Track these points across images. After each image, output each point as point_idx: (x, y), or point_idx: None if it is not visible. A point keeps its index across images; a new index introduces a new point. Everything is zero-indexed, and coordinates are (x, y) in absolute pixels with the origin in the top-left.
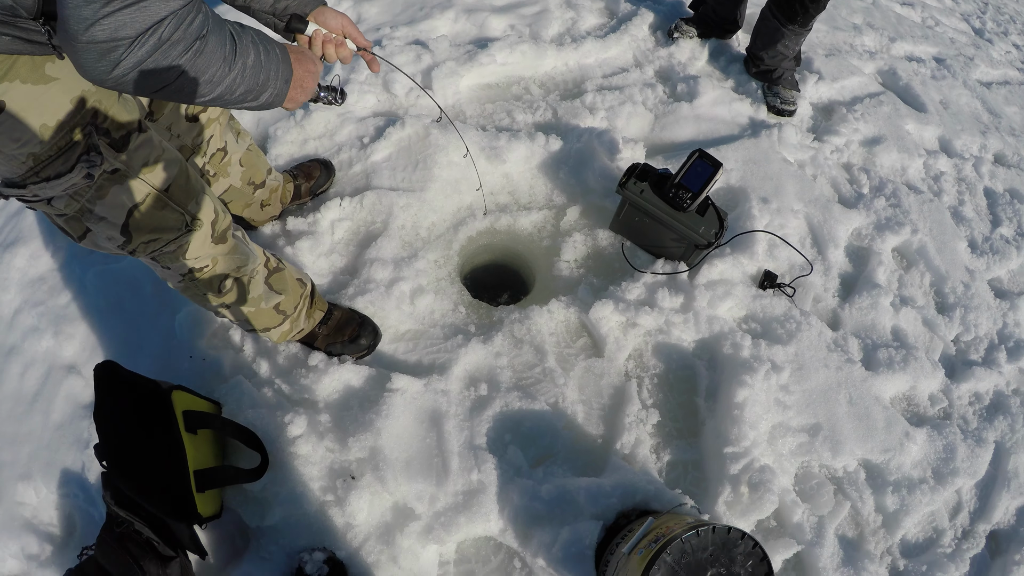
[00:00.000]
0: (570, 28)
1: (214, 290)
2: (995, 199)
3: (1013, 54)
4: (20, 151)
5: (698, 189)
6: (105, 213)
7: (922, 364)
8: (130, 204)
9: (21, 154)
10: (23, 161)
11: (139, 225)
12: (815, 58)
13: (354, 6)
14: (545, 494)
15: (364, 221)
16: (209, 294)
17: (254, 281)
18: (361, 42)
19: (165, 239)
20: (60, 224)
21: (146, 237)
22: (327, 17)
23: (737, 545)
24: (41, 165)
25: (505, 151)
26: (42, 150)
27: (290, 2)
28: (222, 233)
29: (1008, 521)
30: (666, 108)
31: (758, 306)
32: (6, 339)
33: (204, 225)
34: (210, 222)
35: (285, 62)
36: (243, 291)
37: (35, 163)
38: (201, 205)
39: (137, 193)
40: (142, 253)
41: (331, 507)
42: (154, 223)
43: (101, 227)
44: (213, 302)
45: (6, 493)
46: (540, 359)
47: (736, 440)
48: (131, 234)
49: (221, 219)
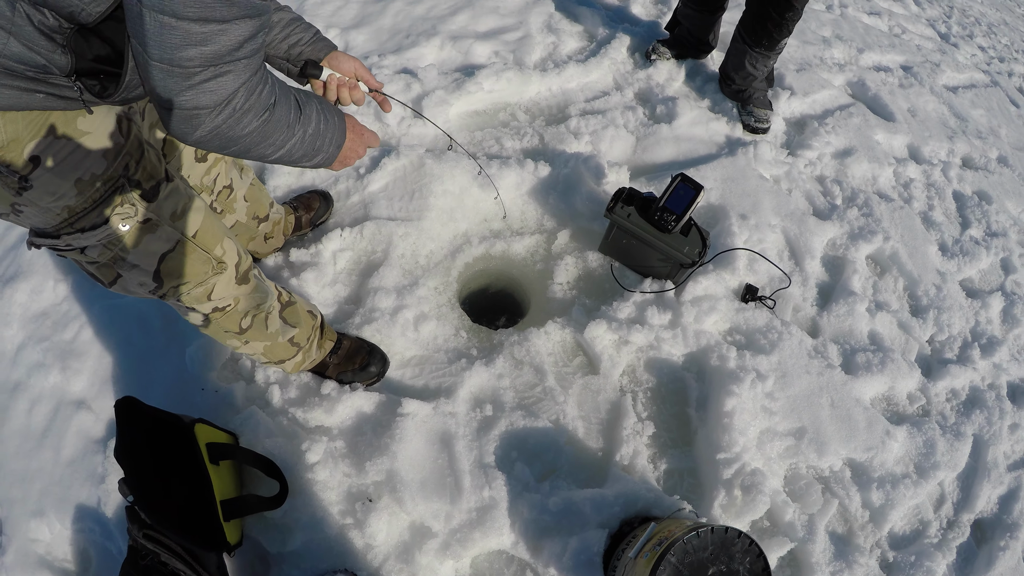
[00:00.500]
0: (552, 53)
1: (235, 328)
2: (964, 202)
3: (978, 56)
4: (56, 204)
5: (681, 211)
6: (138, 260)
7: (899, 365)
8: (161, 251)
9: (57, 207)
10: (58, 213)
11: (170, 271)
12: (786, 74)
13: (341, 35)
14: (552, 507)
15: (365, 251)
16: (231, 332)
17: (271, 316)
18: (373, 84)
19: (194, 282)
20: (91, 271)
21: (176, 281)
22: (340, 61)
23: (735, 544)
24: (76, 217)
25: (497, 179)
26: (77, 203)
27: (304, 48)
28: (244, 273)
29: (991, 509)
30: (647, 130)
31: (741, 319)
32: (10, 375)
33: (229, 267)
34: (234, 264)
35: (341, 131)
36: (262, 327)
37: (70, 215)
38: (226, 249)
39: (168, 240)
40: (171, 297)
41: (351, 529)
42: (184, 268)
43: (134, 274)
44: (234, 340)
45: (19, 530)
46: (540, 379)
47: (727, 447)
48: (163, 279)
49: (243, 260)
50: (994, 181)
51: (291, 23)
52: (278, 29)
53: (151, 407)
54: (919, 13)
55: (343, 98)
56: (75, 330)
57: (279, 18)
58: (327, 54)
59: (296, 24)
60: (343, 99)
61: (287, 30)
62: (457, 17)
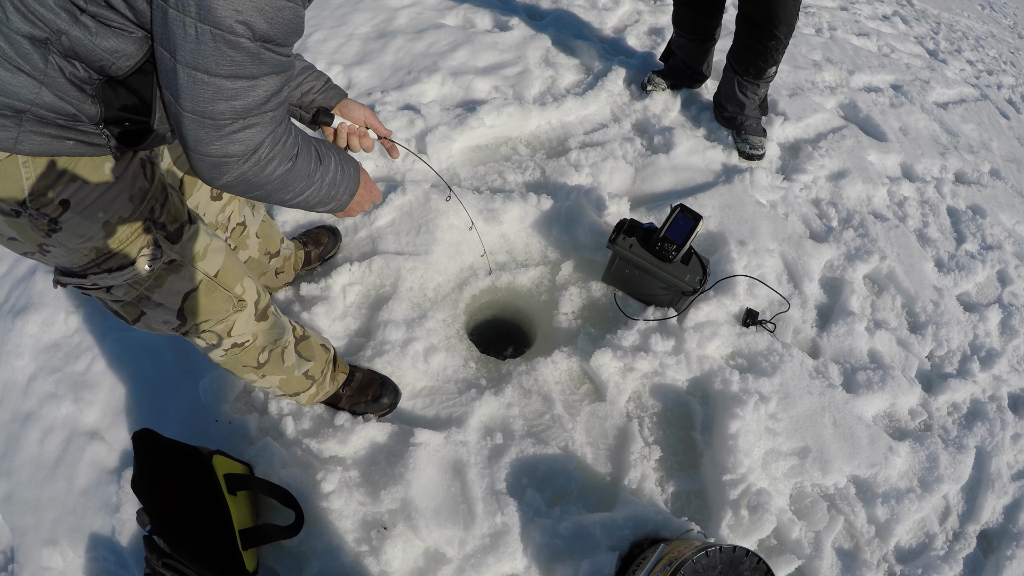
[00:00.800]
0: (550, 87)
1: (254, 362)
2: (958, 217)
3: (967, 71)
4: (84, 245)
5: (682, 241)
6: (162, 300)
7: (899, 382)
8: (185, 290)
9: (85, 248)
10: (86, 254)
11: (193, 309)
12: (779, 99)
13: (344, 72)
14: (564, 531)
15: (374, 284)
16: (249, 366)
17: (287, 351)
18: (382, 132)
19: (215, 320)
20: (115, 309)
21: (199, 320)
22: (350, 109)
23: (743, 562)
24: (103, 258)
25: (501, 212)
26: (105, 244)
27: (316, 96)
28: (264, 311)
29: (996, 520)
30: (645, 161)
31: (743, 343)
32: (22, 405)
33: (249, 305)
34: (253, 302)
35: (355, 181)
36: (279, 361)
37: (97, 255)
38: (246, 287)
39: (191, 280)
40: (193, 334)
41: (366, 557)
42: (206, 306)
43: (158, 312)
44: (251, 374)
45: (31, 558)
46: (548, 407)
47: (733, 468)
48: (186, 317)
49: (263, 298)
50: (987, 195)
51: (304, 71)
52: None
53: (168, 439)
54: (907, 31)
55: (352, 145)
56: (87, 362)
57: None
58: (338, 102)
59: (308, 72)
60: (352, 146)
61: (300, 78)
62: (457, 53)
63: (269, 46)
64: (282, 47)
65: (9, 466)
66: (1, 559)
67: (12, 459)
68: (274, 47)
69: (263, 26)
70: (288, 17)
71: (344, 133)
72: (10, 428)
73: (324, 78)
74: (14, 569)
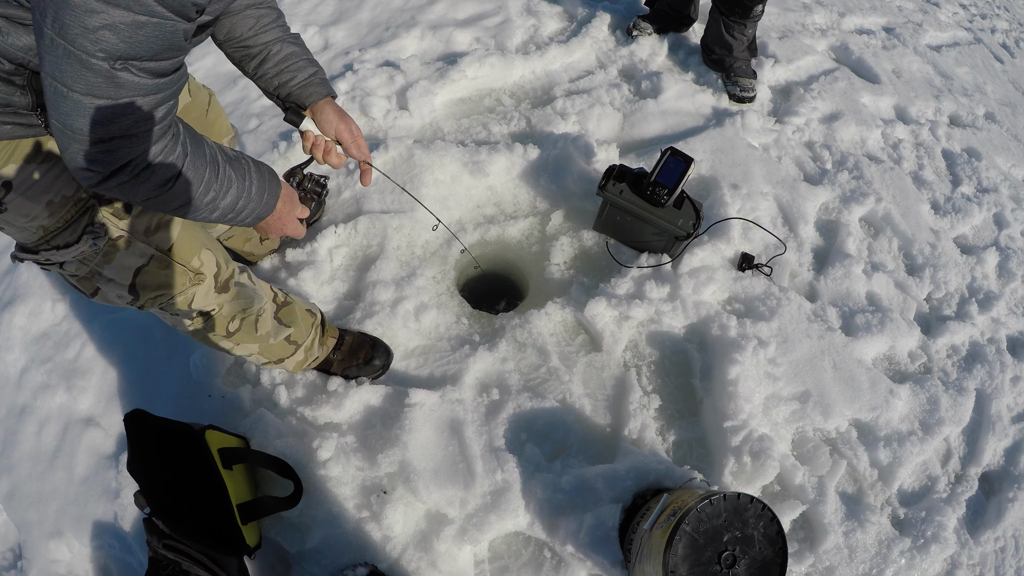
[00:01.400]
0: (533, 36)
1: (223, 331)
2: (953, 160)
3: (960, 14)
4: (31, 224)
5: (673, 185)
6: (113, 275)
7: (898, 324)
8: (136, 266)
9: (32, 227)
10: (34, 232)
11: (145, 284)
12: (769, 42)
13: (320, 32)
14: (565, 485)
15: (360, 246)
16: (218, 335)
17: (262, 319)
18: (352, 153)
19: (170, 294)
20: (73, 283)
21: (152, 294)
22: (322, 119)
23: (748, 509)
24: (51, 235)
25: (487, 164)
26: (50, 223)
27: (292, 90)
28: (224, 283)
29: (998, 462)
30: (633, 107)
31: (739, 287)
32: (16, 399)
33: (207, 278)
34: (212, 275)
35: (271, 197)
36: (251, 329)
37: (45, 233)
38: (204, 260)
39: (142, 256)
40: (150, 307)
41: (368, 523)
42: (159, 281)
43: (110, 287)
44: (222, 343)
45: (38, 552)
46: (544, 360)
47: (733, 414)
48: (138, 292)
49: (223, 271)
50: (983, 138)
51: (287, 59)
52: (272, 63)
53: (160, 418)
54: None
55: (316, 157)
56: (77, 348)
57: (277, 50)
58: (315, 101)
59: (292, 61)
60: (317, 158)
61: (281, 66)
62: (435, 6)
63: (132, 66)
64: (151, 64)
65: (9, 462)
66: (10, 556)
67: (11, 454)
68: (138, 67)
69: (119, 45)
70: (152, 34)
71: (310, 141)
72: (7, 423)
73: (310, 71)
74: (23, 565)
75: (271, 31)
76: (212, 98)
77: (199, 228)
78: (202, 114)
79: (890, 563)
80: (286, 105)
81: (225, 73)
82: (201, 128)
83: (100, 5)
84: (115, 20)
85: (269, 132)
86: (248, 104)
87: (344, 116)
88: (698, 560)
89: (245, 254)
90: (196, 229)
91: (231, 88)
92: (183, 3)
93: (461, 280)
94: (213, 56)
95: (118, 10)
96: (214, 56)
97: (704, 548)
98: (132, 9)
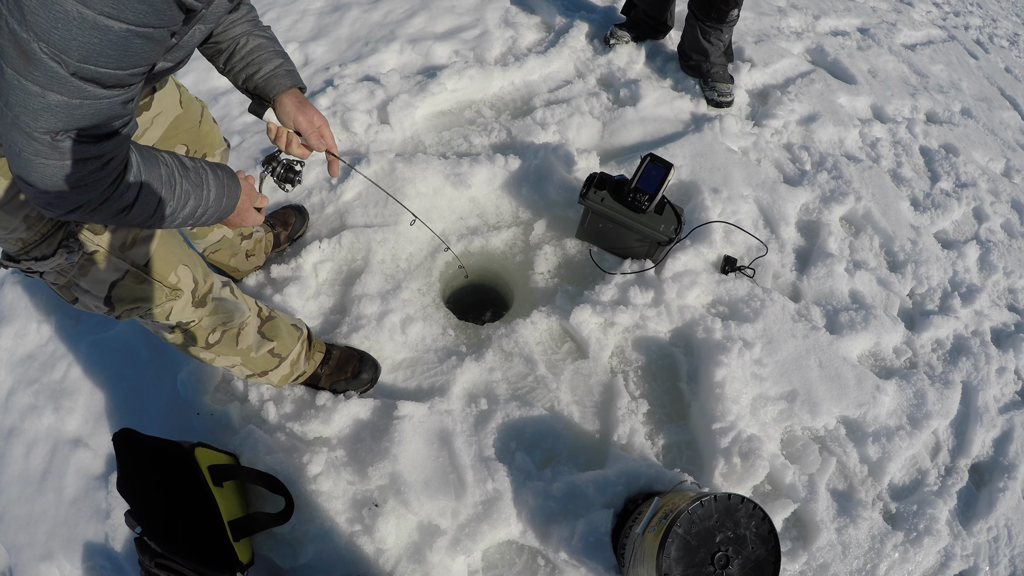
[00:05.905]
0: (511, 47)
1: (203, 343)
2: (931, 156)
3: (934, 12)
4: (10, 236)
5: (654, 190)
6: (88, 287)
7: (882, 321)
8: (111, 280)
9: (12, 238)
10: (15, 243)
11: (121, 297)
12: (745, 46)
13: (300, 48)
14: (556, 492)
15: (345, 260)
16: (197, 347)
17: (244, 332)
18: (312, 143)
19: (147, 307)
20: (55, 291)
21: (128, 307)
22: (281, 111)
23: (739, 509)
24: (29, 247)
25: (468, 176)
26: (28, 236)
27: (258, 82)
28: (202, 298)
29: (987, 453)
30: (612, 114)
31: (723, 290)
32: (3, 421)
33: (184, 294)
34: (190, 291)
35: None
36: (231, 342)
37: (24, 245)
38: (181, 276)
39: (117, 271)
40: (127, 317)
41: (360, 536)
42: (135, 295)
43: (87, 297)
44: (202, 354)
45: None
46: (531, 368)
47: (721, 416)
48: (114, 304)
49: (201, 286)
50: (959, 133)
51: (253, 51)
52: (239, 56)
53: (149, 437)
54: None
55: (280, 146)
56: (63, 369)
57: (243, 43)
58: (278, 93)
59: (258, 53)
60: (281, 148)
61: (248, 58)
62: (414, 20)
63: (72, 135)
64: (91, 132)
65: None
66: None
67: (0, 477)
68: (77, 136)
69: (57, 123)
70: (89, 111)
71: (273, 132)
72: None
73: (276, 62)
74: None
75: (240, 25)
76: (204, 111)
77: (177, 243)
78: (194, 126)
79: (884, 557)
80: (251, 97)
81: (207, 90)
82: (193, 141)
83: (38, 90)
84: (51, 103)
85: (251, 149)
86: (230, 121)
87: (304, 107)
88: (691, 562)
89: (230, 269)
90: (174, 244)
91: (212, 105)
92: (120, 77)
93: (446, 292)
94: (194, 74)
95: (55, 95)
96: (195, 74)
97: (697, 549)
98: (65, 95)
